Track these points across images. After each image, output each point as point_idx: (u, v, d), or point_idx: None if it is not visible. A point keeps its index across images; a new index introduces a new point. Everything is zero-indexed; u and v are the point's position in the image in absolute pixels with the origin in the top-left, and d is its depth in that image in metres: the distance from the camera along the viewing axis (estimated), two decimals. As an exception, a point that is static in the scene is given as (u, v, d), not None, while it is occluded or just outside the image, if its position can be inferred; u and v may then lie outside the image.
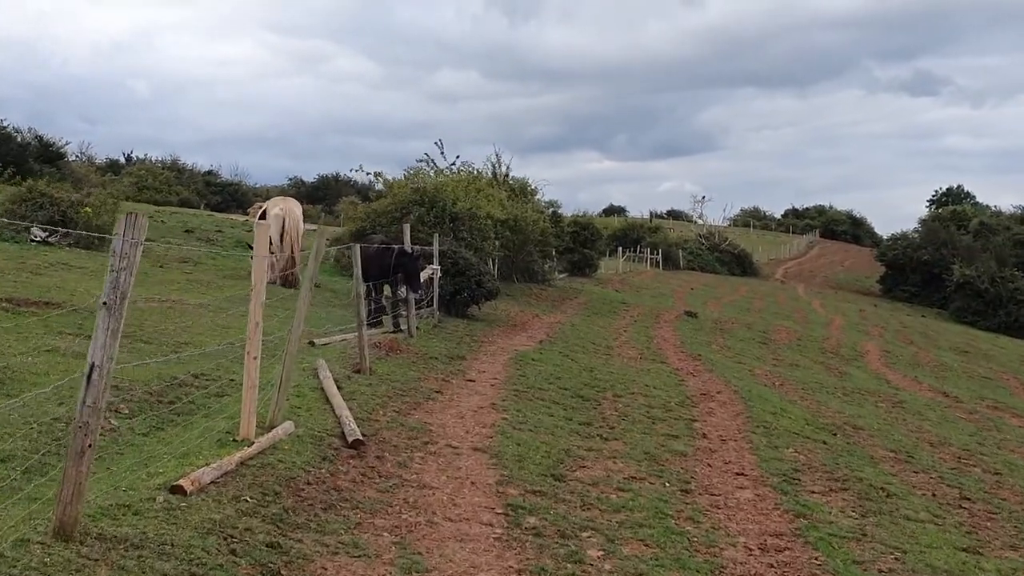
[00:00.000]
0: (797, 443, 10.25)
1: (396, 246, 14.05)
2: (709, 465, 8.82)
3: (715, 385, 13.56)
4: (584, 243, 39.40)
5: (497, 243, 23.88)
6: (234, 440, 6.87)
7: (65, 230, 17.16)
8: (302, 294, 7.73)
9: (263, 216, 19.61)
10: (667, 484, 7.85)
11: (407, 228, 14.45)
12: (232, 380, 9.16)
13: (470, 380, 11.38)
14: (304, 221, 20.23)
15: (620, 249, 47.87)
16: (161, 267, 19.68)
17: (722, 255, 56.99)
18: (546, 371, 12.86)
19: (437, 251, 16.48)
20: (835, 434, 11.23)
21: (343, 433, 7.74)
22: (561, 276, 34.42)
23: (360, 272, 10.54)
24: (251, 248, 7.16)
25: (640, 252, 51.65)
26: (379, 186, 27.02)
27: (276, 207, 18.98)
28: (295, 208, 19.11)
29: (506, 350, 14.61)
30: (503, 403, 10.13)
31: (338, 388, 9.34)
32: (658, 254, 51.74)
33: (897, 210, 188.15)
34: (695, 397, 12.31)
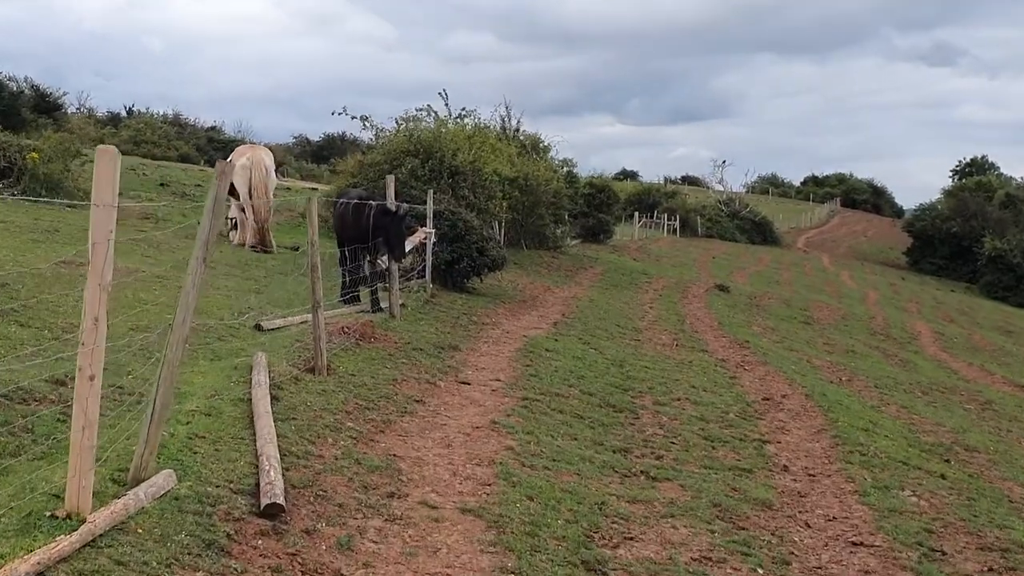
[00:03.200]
0: (910, 479, 7.48)
1: (375, 202, 11.15)
2: (807, 524, 6.06)
3: (777, 384, 10.72)
4: (599, 207, 36.29)
5: (504, 204, 20.86)
6: (53, 516, 4.09)
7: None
8: (192, 266, 4.92)
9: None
10: (758, 570, 5.09)
11: (391, 180, 11.50)
12: (118, 388, 6.41)
13: (464, 382, 8.53)
14: (298, 179, 17.34)
15: (636, 215, 44.67)
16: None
17: (742, 223, 53.75)
18: (564, 366, 10.01)
19: (431, 211, 13.60)
20: (948, 460, 8.47)
21: (258, 487, 4.95)
22: (574, 242, 31.47)
23: (315, 235, 7.70)
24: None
25: (657, 218, 48.46)
26: (367, 133, 23.87)
27: (243, 157, 16.03)
28: (265, 157, 16.15)
29: (512, 335, 11.77)
30: (508, 420, 7.32)
31: (274, 400, 6.55)
32: (675, 220, 48.57)
33: (912, 179, 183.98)
34: (757, 404, 9.49)
